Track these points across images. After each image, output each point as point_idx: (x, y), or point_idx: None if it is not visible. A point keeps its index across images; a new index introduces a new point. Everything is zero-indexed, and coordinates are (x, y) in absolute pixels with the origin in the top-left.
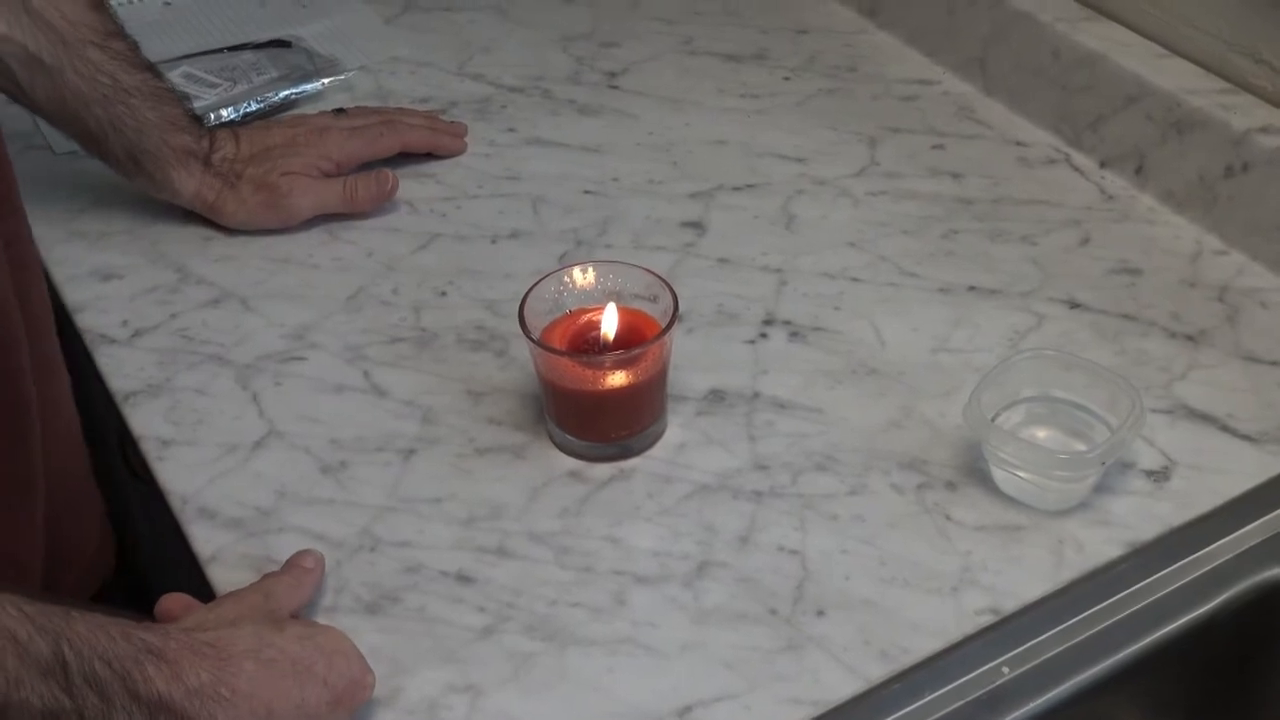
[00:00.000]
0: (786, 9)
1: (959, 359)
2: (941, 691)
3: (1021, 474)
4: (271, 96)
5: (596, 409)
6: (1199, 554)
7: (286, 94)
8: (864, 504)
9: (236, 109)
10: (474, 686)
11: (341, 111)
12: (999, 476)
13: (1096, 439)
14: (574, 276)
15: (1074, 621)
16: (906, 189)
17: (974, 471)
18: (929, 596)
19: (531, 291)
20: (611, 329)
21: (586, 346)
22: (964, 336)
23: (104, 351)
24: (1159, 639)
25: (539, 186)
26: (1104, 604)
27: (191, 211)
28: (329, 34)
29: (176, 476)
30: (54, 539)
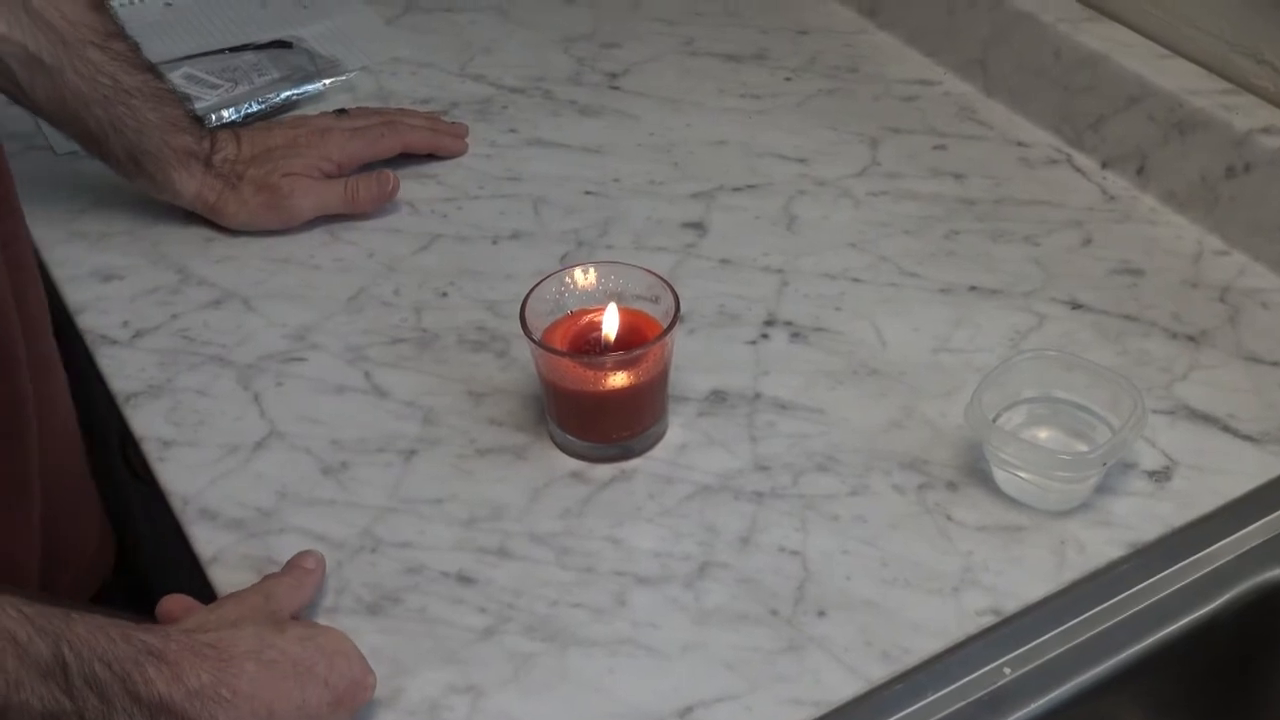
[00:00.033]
0: (787, 9)
1: (960, 359)
2: (943, 692)
3: (1023, 474)
4: (273, 97)
5: (598, 410)
6: (1200, 554)
7: (288, 95)
8: (865, 504)
9: (238, 110)
10: (475, 687)
11: (343, 112)
12: (1000, 477)
13: (1098, 439)
14: (575, 277)
15: (1075, 622)
16: (907, 189)
17: (975, 472)
18: (930, 597)
19: (533, 292)
20: (613, 330)
21: (588, 347)
22: (965, 337)
23: (105, 352)
24: (1161, 639)
25: (540, 187)
26: (1105, 604)
27: (192, 212)
28: (330, 35)
29: (177, 477)
30: (51, 538)
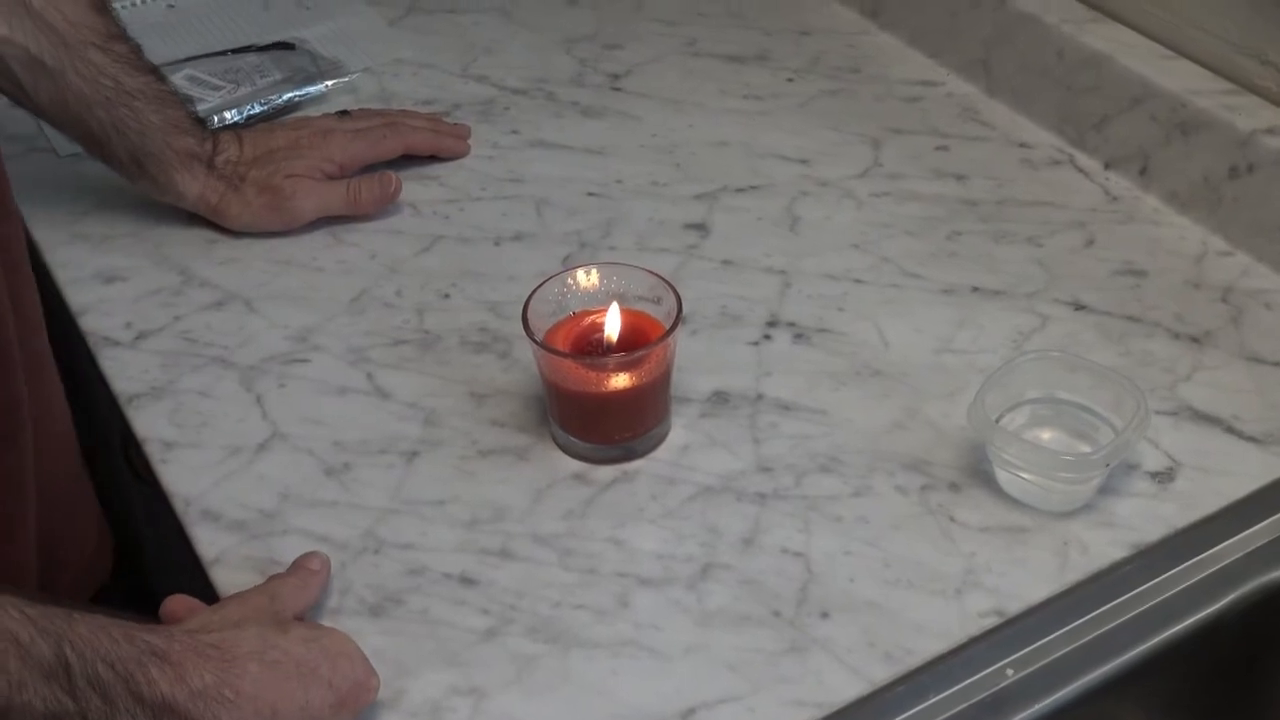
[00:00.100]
0: (789, 10)
1: (963, 360)
2: (946, 693)
3: (1026, 475)
4: (275, 99)
5: (600, 411)
6: (1204, 555)
7: (290, 96)
8: (868, 505)
9: (240, 111)
10: (477, 689)
11: (345, 114)
12: (1003, 478)
13: (1101, 440)
14: (577, 278)
15: (1079, 623)
16: (910, 190)
17: (978, 473)
18: (933, 598)
19: (535, 293)
20: (615, 331)
21: (590, 348)
22: (968, 338)
23: (107, 354)
24: (1164, 640)
25: (542, 188)
26: (1109, 605)
27: (195, 214)
28: (332, 36)
29: (180, 479)
30: (47, 541)
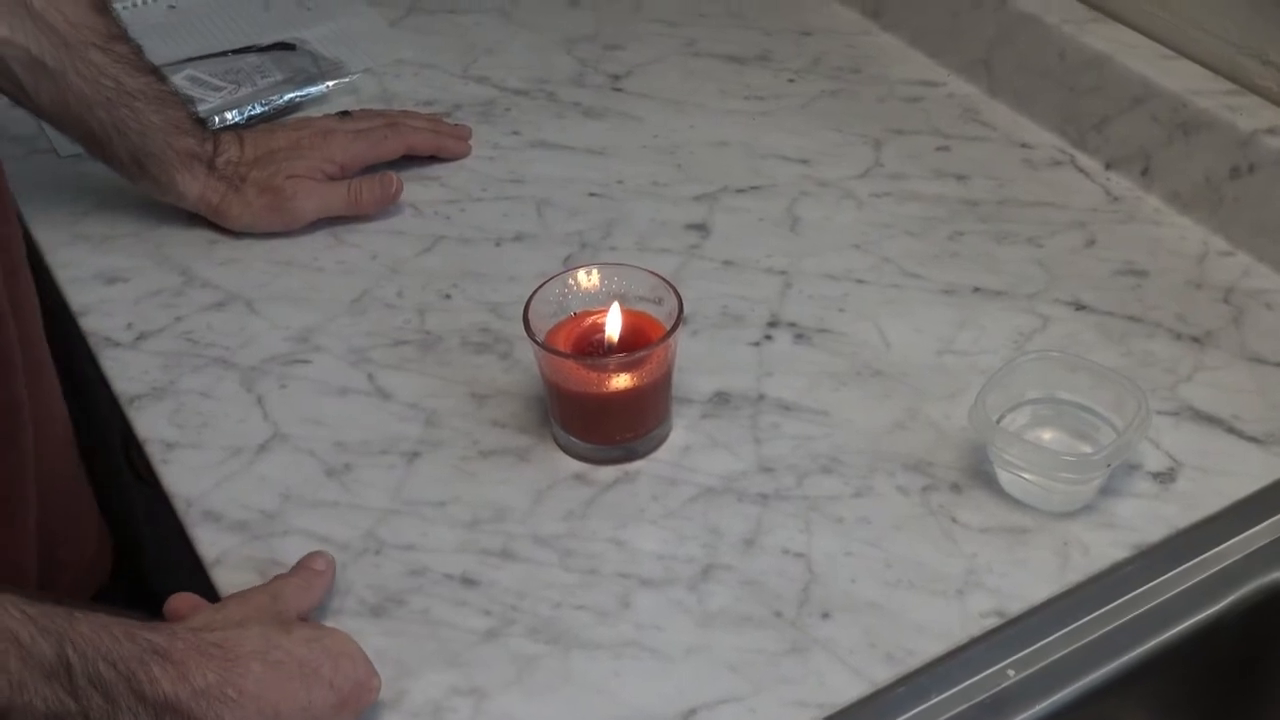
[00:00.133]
0: (790, 11)
1: (964, 361)
2: (947, 694)
3: (1027, 476)
4: (276, 99)
5: (601, 411)
6: (1205, 556)
7: (291, 97)
8: (869, 506)
9: (241, 112)
10: (478, 689)
11: (346, 114)
12: (1004, 478)
13: (1102, 441)
14: (578, 279)
15: (1080, 624)
16: (911, 190)
17: (979, 473)
18: (934, 599)
19: (536, 294)
20: (616, 331)
21: (591, 349)
22: (969, 338)
23: (108, 355)
24: (1165, 641)
25: (543, 189)
26: (1110, 606)
27: (196, 215)
28: (333, 37)
29: (181, 479)
30: (47, 542)
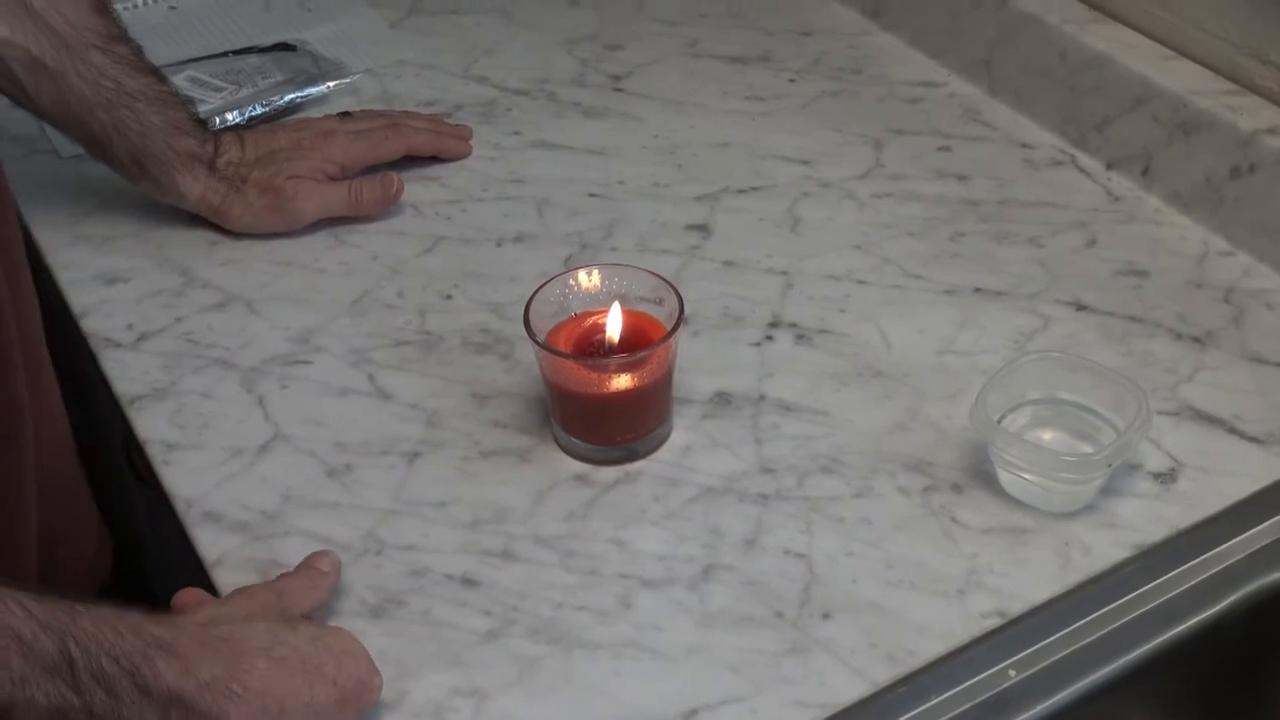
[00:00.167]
0: (790, 11)
1: (965, 361)
2: (948, 694)
3: (1027, 476)
4: (277, 100)
5: (602, 412)
6: (1207, 556)
7: (292, 97)
8: (870, 506)
9: (242, 112)
10: (479, 690)
11: (347, 115)
12: (1005, 479)
13: (1103, 441)
14: (579, 279)
15: (1081, 624)
16: (912, 191)
17: (980, 474)
18: (935, 599)
19: (537, 294)
20: (617, 332)
21: (592, 349)
22: (970, 338)
23: (109, 355)
24: (1167, 641)
25: (544, 189)
26: (1111, 606)
27: (197, 215)
28: (334, 37)
29: (182, 480)
30: (47, 543)
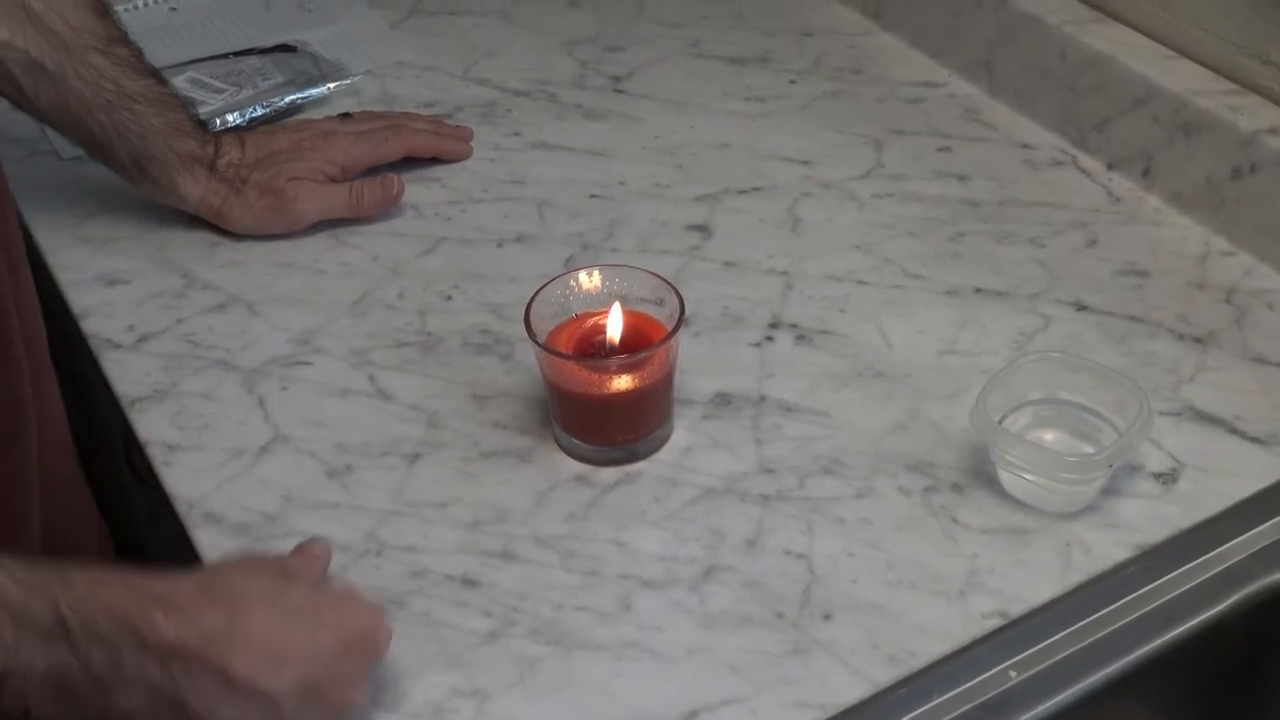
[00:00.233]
0: (791, 12)
1: (965, 361)
2: (949, 695)
3: (1028, 476)
4: (277, 101)
5: (602, 413)
6: (1208, 556)
7: (292, 99)
8: (871, 507)
9: (242, 114)
10: (480, 690)
11: (347, 116)
12: (1006, 479)
13: (1104, 441)
14: (580, 280)
15: (1082, 624)
16: (912, 191)
17: (981, 474)
18: (936, 600)
19: (537, 295)
20: (617, 333)
21: (592, 350)
22: (970, 339)
23: (110, 357)
24: (1168, 642)
25: (544, 190)
26: (1112, 607)
27: (197, 217)
28: (334, 39)
29: (182, 481)
30: (48, 540)
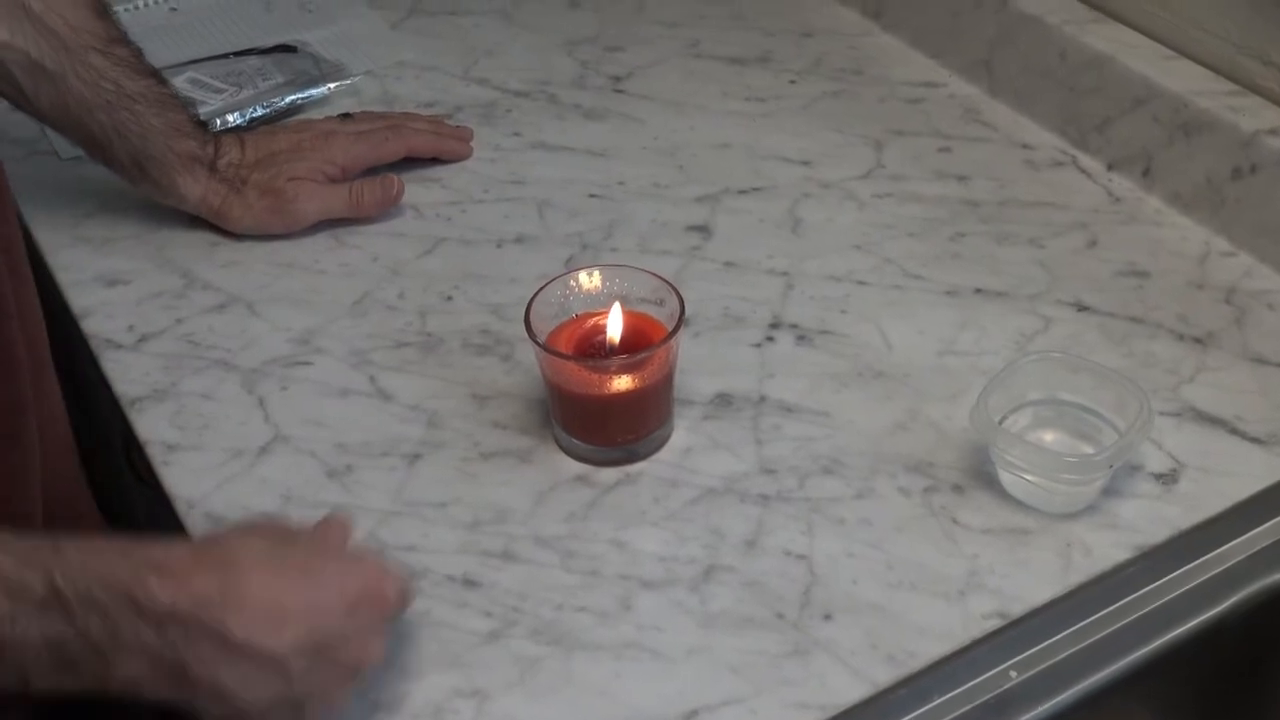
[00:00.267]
0: (791, 12)
1: (966, 362)
2: (948, 696)
3: (1029, 477)
4: (277, 101)
5: (602, 413)
6: (1208, 557)
7: (292, 99)
8: (871, 507)
9: (242, 114)
10: (480, 691)
11: (347, 116)
12: (1006, 479)
13: (1104, 442)
14: (580, 280)
15: (1082, 625)
16: (912, 191)
17: (981, 474)
18: (936, 600)
19: (537, 295)
20: (617, 333)
21: (592, 350)
22: (971, 339)
23: (110, 357)
24: (1168, 642)
25: (544, 191)
26: (1112, 607)
27: (197, 217)
28: (335, 39)
29: (182, 481)
30: None
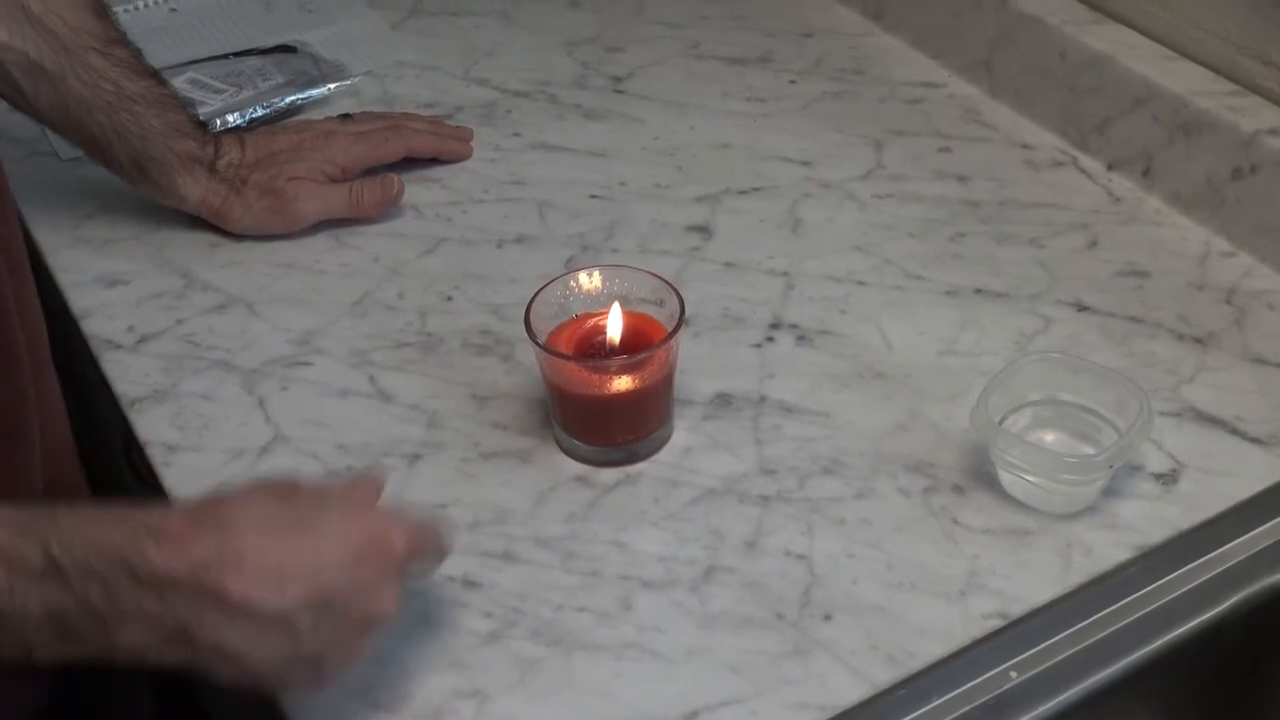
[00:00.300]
0: (792, 12)
1: (966, 362)
2: (949, 696)
3: (1029, 477)
4: (277, 102)
5: (602, 413)
6: (1208, 557)
7: (292, 99)
8: (871, 508)
9: (242, 114)
10: (480, 691)
11: (347, 116)
12: (1006, 480)
13: (1104, 442)
14: (580, 281)
15: (1082, 625)
16: (912, 192)
17: (981, 475)
18: (936, 600)
19: (537, 296)
20: (617, 333)
21: (593, 351)
22: (971, 339)
23: (110, 357)
24: (1168, 642)
25: (545, 191)
26: (1112, 607)
27: (197, 217)
28: (335, 39)
29: (182, 482)
30: None
